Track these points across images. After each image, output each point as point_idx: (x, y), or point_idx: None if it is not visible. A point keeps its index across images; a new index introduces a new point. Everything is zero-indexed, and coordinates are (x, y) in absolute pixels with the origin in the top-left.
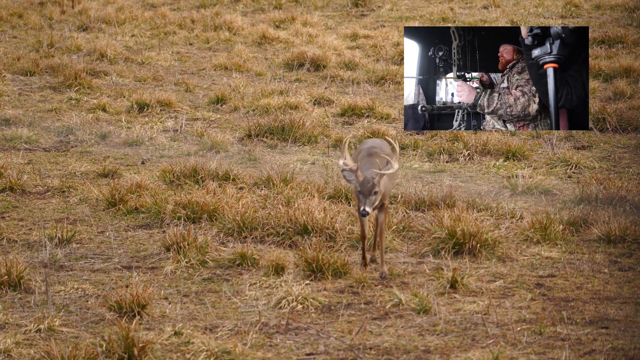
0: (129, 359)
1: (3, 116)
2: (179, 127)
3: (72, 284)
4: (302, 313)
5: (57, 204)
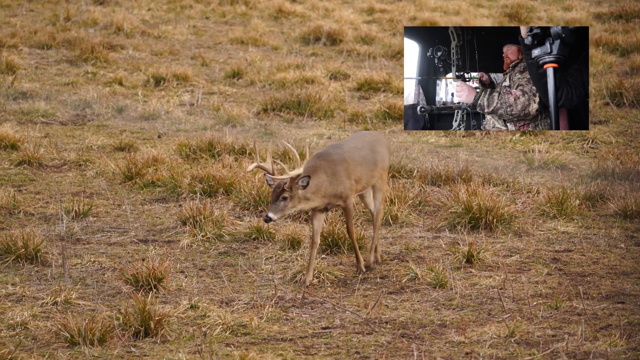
0: (145, 332)
1: (20, 89)
2: (195, 101)
3: (89, 257)
4: (318, 287)
5: (74, 178)
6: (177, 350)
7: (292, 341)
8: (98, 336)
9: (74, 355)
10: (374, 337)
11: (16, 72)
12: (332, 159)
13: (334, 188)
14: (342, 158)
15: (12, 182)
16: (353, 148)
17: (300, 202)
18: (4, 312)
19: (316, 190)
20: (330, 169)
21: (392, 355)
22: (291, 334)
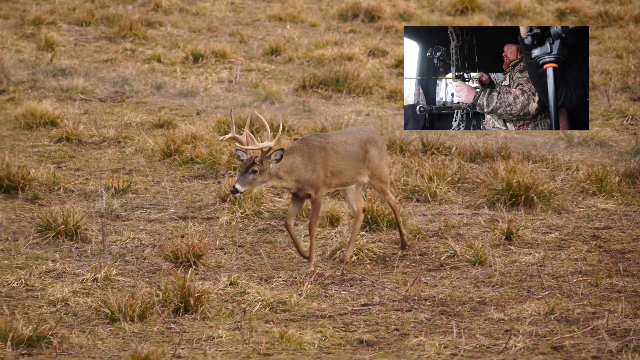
0: (185, 309)
1: (59, 66)
2: (234, 77)
3: (129, 233)
4: (357, 264)
5: (113, 154)
6: (217, 327)
7: (331, 318)
8: (138, 312)
9: (114, 332)
10: (413, 314)
11: (55, 49)
12: (312, 144)
13: (307, 174)
14: (322, 147)
15: (51, 159)
16: (339, 141)
17: (272, 179)
18: (45, 288)
19: (290, 170)
20: (307, 153)
21: (432, 332)
22: (330, 310)
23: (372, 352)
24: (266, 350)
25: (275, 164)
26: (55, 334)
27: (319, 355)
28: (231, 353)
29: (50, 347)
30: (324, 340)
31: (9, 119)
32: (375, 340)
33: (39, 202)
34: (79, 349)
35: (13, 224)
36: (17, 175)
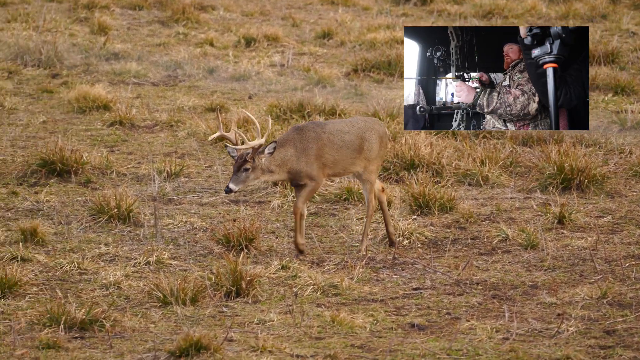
0: (236, 292)
1: (112, 50)
2: (286, 61)
3: (181, 217)
4: (408, 248)
5: (166, 138)
6: (269, 311)
7: (383, 302)
8: (190, 296)
9: (166, 315)
10: (464, 298)
11: (108, 33)
12: (307, 135)
13: (300, 166)
14: (318, 137)
15: (104, 143)
16: (336, 130)
17: (264, 174)
18: (97, 271)
19: (282, 163)
20: (301, 144)
21: (483, 317)
22: (382, 294)
23: (424, 336)
24: (317, 334)
25: (267, 159)
26: (108, 317)
27: (370, 339)
28: (282, 337)
29: (102, 331)
30: (375, 324)
31: (62, 102)
32: (426, 324)
33: (92, 186)
34: (131, 333)
35: (66, 208)
36: (70, 159)
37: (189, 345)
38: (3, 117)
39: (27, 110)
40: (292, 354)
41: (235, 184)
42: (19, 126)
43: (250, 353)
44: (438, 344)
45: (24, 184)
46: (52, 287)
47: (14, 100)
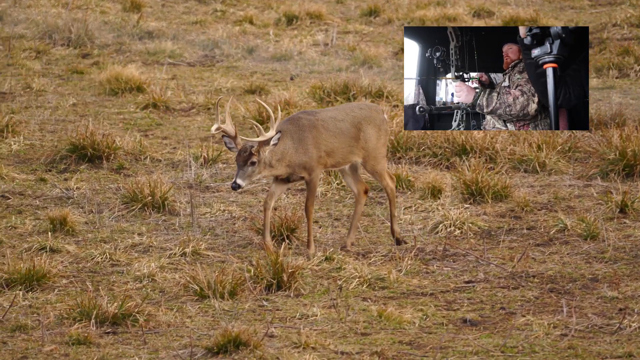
0: (277, 285)
1: (146, 29)
2: (330, 40)
3: (218, 205)
4: (460, 238)
5: (203, 122)
6: (311, 305)
7: (433, 296)
8: (228, 289)
9: (203, 309)
10: (520, 291)
11: (142, 10)
12: (301, 124)
13: (299, 157)
14: (312, 125)
15: (138, 127)
16: (330, 118)
17: (265, 169)
18: (131, 263)
19: (281, 157)
20: (297, 134)
21: (540, 311)
22: (432, 288)
23: (476, 332)
24: (363, 329)
25: (269, 153)
26: (142, 311)
27: (420, 335)
28: (326, 332)
29: (136, 325)
30: (424, 319)
31: (93, 84)
32: (479, 320)
33: (125, 172)
34: (166, 328)
35: (97, 196)
36: (101, 144)
37: (227, 341)
38: (31, 100)
39: (56, 92)
40: (336, 350)
41: (242, 179)
42: (48, 109)
43: (292, 350)
44: (491, 341)
45: (53, 170)
46: (83, 279)
47: (42, 82)
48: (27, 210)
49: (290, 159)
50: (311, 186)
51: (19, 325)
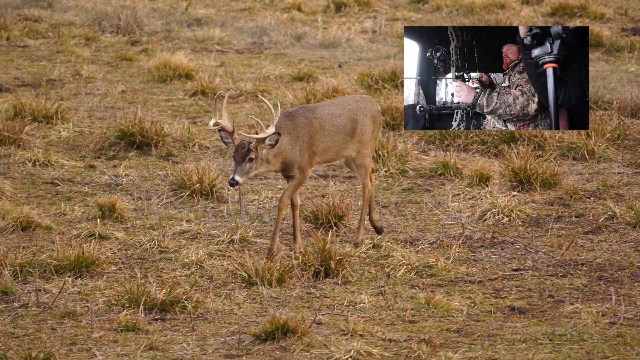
0: (325, 273)
1: (195, 16)
2: (378, 27)
3: (266, 193)
4: (508, 226)
5: (251, 109)
6: (359, 292)
7: (481, 283)
8: (276, 276)
9: (251, 296)
10: (568, 279)
11: None
12: (299, 122)
13: (294, 155)
14: (309, 123)
15: (186, 114)
16: (327, 114)
17: (262, 165)
18: (179, 250)
19: (278, 153)
20: (295, 132)
21: (588, 299)
22: (480, 275)
23: (525, 320)
24: (411, 317)
25: (267, 149)
26: (190, 298)
27: (467, 323)
28: (374, 320)
29: (184, 312)
30: (472, 306)
31: (141, 71)
32: (527, 308)
33: (173, 160)
34: (214, 315)
35: (146, 183)
36: (150, 131)
37: (275, 328)
38: (80, 87)
39: (105, 79)
40: (384, 338)
41: (240, 175)
42: (97, 96)
43: (340, 337)
44: (540, 329)
45: (101, 157)
46: (131, 266)
47: (91, 69)
48: (76, 197)
49: (285, 155)
50: (296, 182)
51: (68, 312)
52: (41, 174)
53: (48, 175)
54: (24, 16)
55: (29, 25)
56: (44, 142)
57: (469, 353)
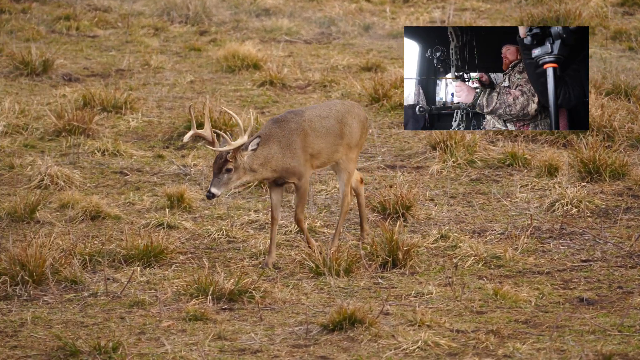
0: (393, 263)
1: (263, 6)
2: (447, 18)
3: (334, 183)
4: (576, 217)
5: (319, 99)
6: (427, 283)
7: (549, 274)
8: (344, 267)
9: (318, 286)
10: (637, 270)
11: None
12: (290, 128)
13: (287, 162)
14: (300, 127)
15: (254, 104)
16: (316, 116)
17: (246, 174)
18: (247, 240)
19: (265, 161)
20: (285, 138)
21: None
22: (548, 266)
23: (593, 311)
24: (479, 307)
25: (249, 157)
26: (258, 288)
27: (536, 314)
28: (442, 310)
29: (252, 302)
30: (541, 297)
31: (210, 61)
32: (596, 299)
33: None
34: (282, 304)
35: None
36: (218, 121)
37: (342, 319)
38: (149, 77)
39: (173, 69)
40: (451, 328)
41: (217, 187)
42: (166, 86)
43: (408, 327)
44: (608, 320)
45: (170, 147)
46: (200, 255)
47: (160, 59)
48: (145, 186)
49: (276, 163)
50: (301, 192)
51: (136, 301)
52: (110, 163)
53: (117, 165)
54: (94, 6)
55: (99, 15)
56: (113, 132)
57: (537, 344)
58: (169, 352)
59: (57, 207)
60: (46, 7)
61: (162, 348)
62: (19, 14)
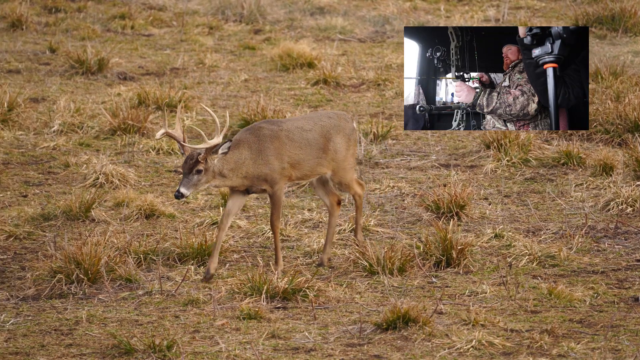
0: (446, 262)
1: (317, 4)
2: (501, 16)
3: (388, 182)
4: (632, 216)
5: (372, 98)
6: (481, 282)
7: (604, 274)
8: (397, 265)
9: (372, 285)
10: None
11: None
12: (262, 134)
13: (258, 169)
14: (275, 135)
15: (308, 102)
16: (295, 127)
17: (216, 178)
18: (300, 239)
19: (235, 167)
20: (256, 145)
21: None
22: (603, 266)
23: None
24: (533, 307)
25: (219, 161)
26: (311, 287)
27: (590, 314)
28: (496, 310)
29: (306, 301)
30: (595, 297)
31: (264, 60)
32: None
33: None
34: (336, 303)
35: None
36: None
37: (396, 318)
38: (204, 75)
39: (228, 68)
40: (506, 328)
41: (186, 187)
42: (220, 84)
43: (462, 327)
44: None
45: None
46: (254, 254)
47: (214, 57)
48: None
49: (247, 170)
50: (275, 199)
51: (191, 300)
52: (164, 162)
53: (171, 164)
54: (149, 5)
55: (154, 14)
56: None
57: (592, 344)
58: (223, 351)
59: (112, 206)
60: (101, 5)
61: (216, 346)
62: (75, 13)
